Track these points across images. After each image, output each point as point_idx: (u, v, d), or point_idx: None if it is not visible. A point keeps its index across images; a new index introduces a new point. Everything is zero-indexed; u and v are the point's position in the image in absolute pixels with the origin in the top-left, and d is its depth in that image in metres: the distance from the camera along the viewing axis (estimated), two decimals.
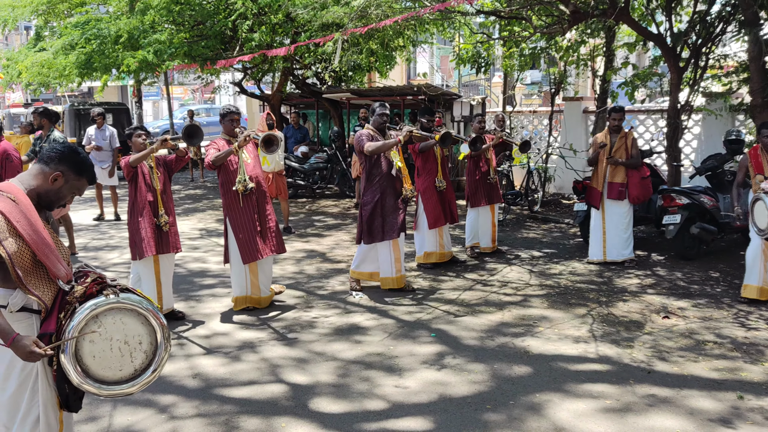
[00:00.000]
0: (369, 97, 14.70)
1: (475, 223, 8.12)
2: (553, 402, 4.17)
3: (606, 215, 7.49)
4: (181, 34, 11.62)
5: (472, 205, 8.06)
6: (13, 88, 25.76)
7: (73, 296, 2.73)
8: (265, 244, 6.01)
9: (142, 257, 5.56)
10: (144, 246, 5.53)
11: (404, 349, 5.12)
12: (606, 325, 5.60)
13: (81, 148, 3.01)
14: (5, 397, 2.83)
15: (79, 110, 16.79)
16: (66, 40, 12.47)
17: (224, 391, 4.42)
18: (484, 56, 10.56)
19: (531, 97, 23.70)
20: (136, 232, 5.58)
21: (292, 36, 12.01)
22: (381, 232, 6.45)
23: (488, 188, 8.02)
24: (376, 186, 6.43)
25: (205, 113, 27.88)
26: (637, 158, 7.35)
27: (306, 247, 8.81)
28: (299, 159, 13.08)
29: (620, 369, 4.67)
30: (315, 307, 6.22)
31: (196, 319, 5.94)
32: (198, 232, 9.91)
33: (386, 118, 6.54)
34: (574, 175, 10.58)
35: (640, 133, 11.38)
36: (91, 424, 3.96)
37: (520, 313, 5.94)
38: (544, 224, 10.29)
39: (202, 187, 15.37)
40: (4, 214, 2.61)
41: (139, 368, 2.74)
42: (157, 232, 5.62)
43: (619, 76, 11.49)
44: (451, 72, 26.10)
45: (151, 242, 5.56)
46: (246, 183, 5.84)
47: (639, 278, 7.04)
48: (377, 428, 3.88)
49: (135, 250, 5.62)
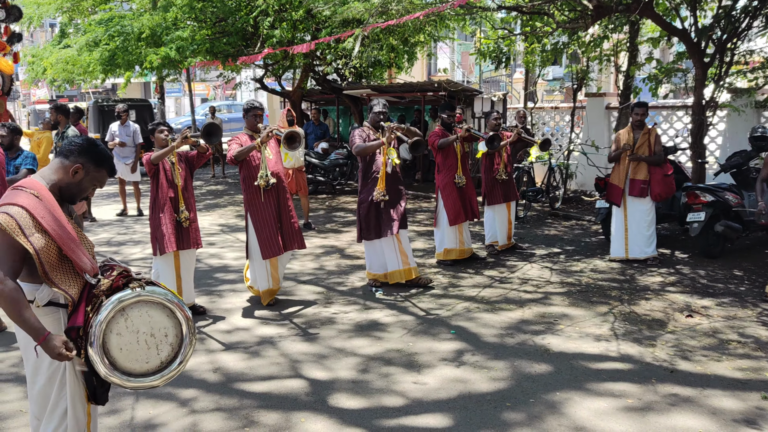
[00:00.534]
0: (389, 93, 14.69)
1: (493, 221, 8.08)
2: (574, 400, 4.15)
3: (628, 212, 7.42)
4: (203, 31, 11.70)
5: (488, 204, 8.02)
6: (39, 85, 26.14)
7: (100, 289, 2.77)
8: (285, 239, 6.04)
9: (163, 253, 5.61)
10: (165, 242, 5.58)
11: (423, 345, 5.12)
12: (628, 323, 5.55)
13: (101, 142, 3.04)
14: (35, 390, 2.88)
15: (103, 106, 17.00)
16: (90, 36, 12.62)
17: (244, 386, 4.45)
18: (505, 52, 10.49)
19: (553, 93, 23.52)
20: (158, 227, 5.63)
21: (312, 32, 12.03)
22: (378, 229, 6.43)
23: (504, 186, 7.97)
24: (371, 184, 6.43)
25: (227, 110, 28.05)
26: (660, 155, 7.26)
27: (326, 243, 8.84)
28: (319, 155, 13.11)
29: (642, 368, 4.63)
30: (335, 303, 6.24)
31: (217, 314, 5.99)
32: (219, 227, 9.99)
33: (382, 116, 6.50)
34: (596, 171, 10.49)
35: (664, 129, 11.25)
36: (113, 417, 4.01)
37: (541, 311, 5.90)
38: (566, 221, 10.22)
39: (224, 183, 15.47)
40: (29, 211, 2.65)
41: (165, 361, 2.77)
42: (177, 228, 5.68)
43: (642, 72, 11.36)
44: (472, 68, 25.98)
45: (171, 238, 5.61)
46: (268, 178, 5.87)
47: (662, 276, 6.96)
48: (396, 425, 3.89)
49: (156, 246, 5.67)
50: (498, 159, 7.96)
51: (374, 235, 6.46)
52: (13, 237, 2.59)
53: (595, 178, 8.36)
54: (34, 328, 2.59)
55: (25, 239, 2.60)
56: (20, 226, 2.60)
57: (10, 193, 2.72)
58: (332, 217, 10.80)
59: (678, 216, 8.04)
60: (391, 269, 6.56)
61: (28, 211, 2.65)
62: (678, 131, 11.25)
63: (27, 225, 2.62)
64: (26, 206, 2.65)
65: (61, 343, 2.61)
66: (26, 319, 2.59)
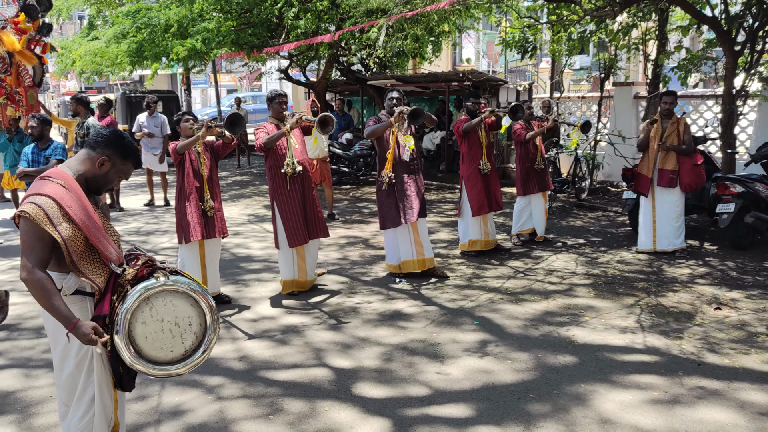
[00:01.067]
0: (413, 83, 14.64)
1: (524, 211, 8.02)
2: (599, 393, 4.11)
3: (656, 203, 7.31)
4: (228, 22, 11.77)
5: (524, 193, 7.96)
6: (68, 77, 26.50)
7: (125, 279, 2.81)
8: (310, 228, 6.07)
9: (188, 241, 5.67)
10: (190, 230, 5.64)
11: (447, 336, 5.11)
12: (655, 315, 5.48)
13: (128, 134, 3.08)
14: (63, 376, 2.94)
15: (131, 98, 17.20)
16: (118, 28, 12.77)
17: (269, 374, 4.49)
18: (531, 41, 10.37)
19: (579, 82, 23.24)
20: (183, 216, 5.69)
21: (337, 23, 12.02)
22: (395, 218, 6.43)
23: (539, 175, 7.91)
24: None
25: (252, 100, 28.20)
26: (690, 145, 7.13)
27: (349, 233, 8.86)
28: (343, 146, 13.13)
29: (669, 360, 4.58)
30: (358, 293, 6.26)
31: (243, 303, 6.05)
32: (245, 217, 10.07)
33: (394, 102, 6.51)
34: (623, 162, 10.35)
35: (693, 119, 11.05)
36: (140, 403, 4.08)
37: (566, 302, 5.86)
38: (592, 212, 10.11)
39: (249, 173, 15.58)
40: (56, 200, 2.69)
41: (190, 349, 2.80)
42: (203, 217, 5.73)
43: (671, 61, 11.16)
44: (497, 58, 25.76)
45: (197, 227, 5.66)
46: (294, 166, 5.90)
47: (690, 268, 6.86)
48: (419, 414, 3.89)
49: (181, 234, 5.74)
50: (533, 148, 7.90)
51: (390, 224, 6.47)
52: (41, 227, 2.63)
53: (622, 168, 8.26)
54: (65, 315, 2.64)
55: (53, 228, 2.64)
56: (48, 215, 2.64)
57: (38, 183, 2.76)
58: (356, 207, 10.82)
59: (707, 207, 7.91)
60: (404, 258, 6.57)
61: (55, 201, 2.69)
62: (708, 121, 11.05)
63: (55, 215, 2.66)
64: (54, 196, 2.69)
65: (91, 329, 2.66)
66: (56, 307, 2.64)
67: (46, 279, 2.63)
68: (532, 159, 7.88)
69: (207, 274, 5.83)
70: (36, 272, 2.62)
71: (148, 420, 3.89)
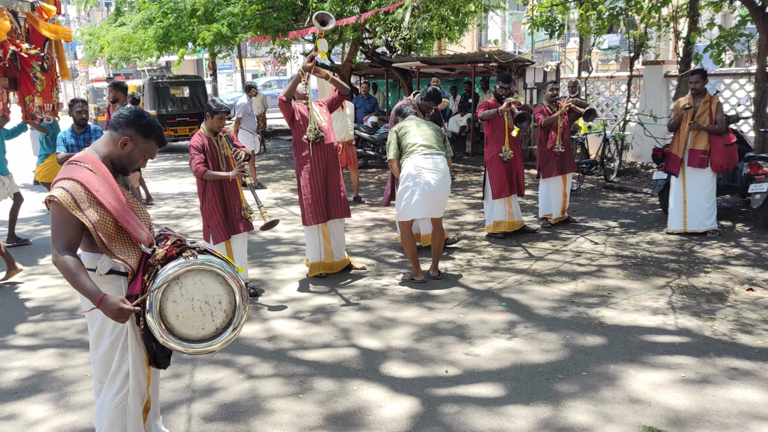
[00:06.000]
0: (439, 65, 14.53)
1: (548, 194, 7.95)
2: (628, 373, 4.09)
3: (687, 184, 7.19)
4: (253, 6, 11.78)
5: (543, 176, 7.89)
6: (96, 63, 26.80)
7: (155, 259, 2.85)
8: (331, 207, 6.08)
9: (216, 242, 5.49)
10: (219, 231, 5.46)
11: (475, 317, 5.11)
12: (686, 296, 5.42)
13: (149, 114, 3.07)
14: (98, 354, 3.00)
15: (158, 84, 17.34)
16: (144, 14, 12.87)
17: (299, 354, 4.54)
18: (559, 20, 10.21)
19: (608, 62, 22.86)
20: (211, 216, 5.47)
21: (361, 5, 11.97)
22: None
23: (559, 158, 7.83)
24: None
25: (277, 85, 28.26)
26: (722, 124, 6.98)
27: (376, 216, 8.88)
28: (369, 129, 13.11)
29: (700, 341, 4.52)
30: (385, 275, 6.28)
31: (271, 285, 6.11)
32: (273, 200, 10.13)
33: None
34: (653, 143, 10.18)
35: (725, 97, 10.81)
36: (174, 381, 4.16)
37: (595, 284, 5.81)
38: (621, 194, 9.98)
39: (275, 157, 15.66)
40: (84, 185, 2.72)
41: (220, 327, 2.84)
42: (227, 215, 5.55)
43: (703, 38, 10.90)
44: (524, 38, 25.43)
45: (223, 228, 5.47)
46: (317, 132, 5.91)
47: (722, 249, 6.75)
48: (447, 393, 3.91)
49: (209, 235, 5.54)
50: (553, 131, 7.81)
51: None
52: (70, 211, 2.66)
53: (652, 149, 8.13)
54: (91, 291, 2.66)
55: (81, 213, 2.67)
56: (76, 200, 2.68)
57: (67, 168, 2.80)
58: (382, 190, 10.82)
59: (739, 187, 7.77)
60: (424, 233, 6.94)
61: (83, 185, 2.72)
62: (740, 100, 10.80)
63: (82, 199, 2.69)
64: (81, 180, 2.72)
65: (119, 300, 2.67)
66: (82, 285, 2.67)
67: (71, 260, 2.66)
68: (552, 142, 7.79)
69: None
70: (61, 255, 2.66)
71: (182, 397, 3.96)
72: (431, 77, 13.25)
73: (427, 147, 5.89)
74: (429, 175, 5.82)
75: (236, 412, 3.78)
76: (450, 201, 9.54)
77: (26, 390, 4.13)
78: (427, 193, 5.83)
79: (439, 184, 5.87)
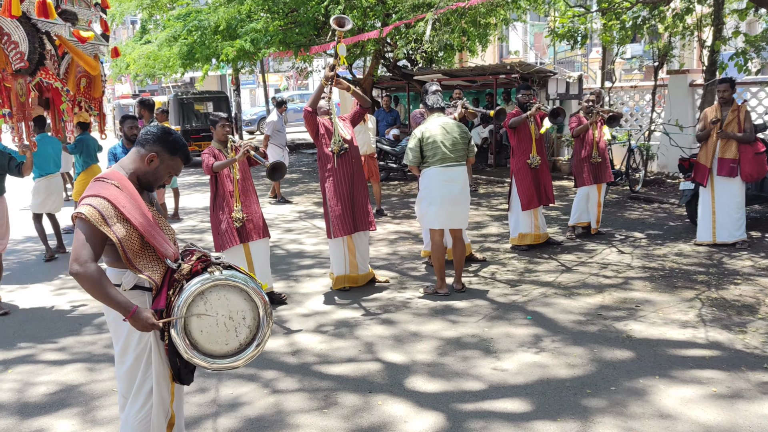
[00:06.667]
0: (460, 77, 14.53)
1: (582, 203, 7.86)
2: (658, 388, 4.01)
3: (716, 194, 7.07)
4: (276, 22, 11.91)
5: (577, 185, 7.84)
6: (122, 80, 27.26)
7: (180, 274, 2.86)
8: (356, 220, 6.08)
9: (223, 248, 5.57)
10: (227, 238, 5.56)
11: (500, 330, 5.06)
12: (716, 309, 5.31)
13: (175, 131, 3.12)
14: (123, 369, 3.02)
15: (182, 99, 17.58)
16: (169, 32, 13.06)
17: (323, 368, 4.53)
18: (581, 30, 10.15)
19: (631, 72, 22.66)
20: (219, 224, 5.57)
21: (383, 18, 12.03)
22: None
23: (595, 167, 7.75)
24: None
25: (300, 99, 28.46)
26: (751, 133, 6.87)
27: (399, 228, 8.86)
28: (391, 142, 13.13)
29: (731, 355, 4.42)
30: (409, 288, 6.25)
31: (295, 298, 6.11)
32: (296, 214, 10.17)
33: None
34: (678, 152, 10.04)
35: (752, 106, 10.65)
36: (199, 396, 4.17)
37: (621, 296, 5.73)
38: (647, 204, 9.85)
39: (298, 171, 15.74)
40: (111, 201, 2.75)
41: (244, 343, 2.84)
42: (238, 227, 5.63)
43: (728, 47, 10.76)
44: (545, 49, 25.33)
45: (234, 233, 5.57)
46: (341, 143, 5.94)
47: (752, 260, 6.61)
48: (474, 409, 3.86)
49: (218, 242, 5.62)
50: (587, 142, 7.74)
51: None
52: (97, 227, 2.70)
53: (678, 158, 8.02)
54: (122, 303, 2.70)
55: (108, 229, 2.71)
56: (103, 216, 2.71)
57: (94, 184, 2.84)
58: (404, 202, 10.81)
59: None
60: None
61: (110, 201, 2.75)
62: (767, 108, 10.64)
63: (110, 215, 2.73)
64: (108, 197, 2.76)
65: (151, 314, 2.73)
66: (112, 297, 2.69)
67: (98, 271, 2.68)
68: (587, 151, 7.73)
69: (255, 275, 5.83)
70: (88, 265, 2.67)
71: (207, 412, 3.97)
72: (453, 89, 13.24)
73: (449, 158, 5.84)
74: (447, 187, 5.81)
75: (261, 426, 3.78)
76: (473, 213, 9.49)
77: (54, 405, 4.16)
78: (445, 205, 5.82)
79: (457, 196, 5.85)
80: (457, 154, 5.88)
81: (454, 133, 5.90)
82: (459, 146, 5.89)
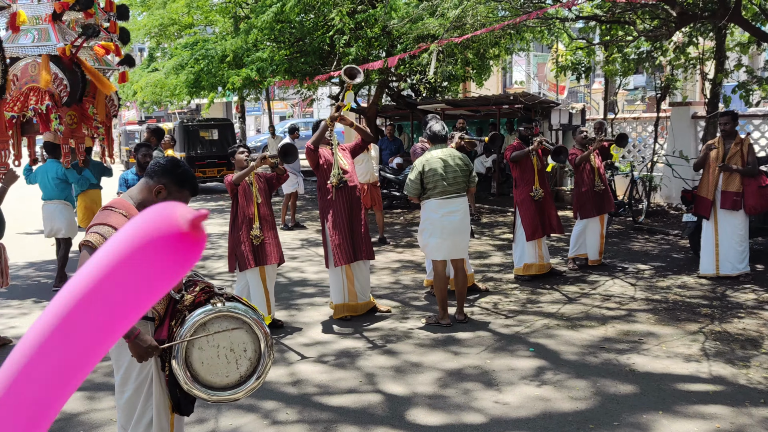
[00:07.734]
0: (464, 107, 14.65)
1: (582, 234, 7.86)
2: (661, 423, 3.97)
3: (719, 226, 7.06)
4: (282, 52, 12.04)
5: (579, 217, 7.84)
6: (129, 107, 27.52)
7: (183, 305, 2.87)
8: (356, 248, 6.11)
9: (243, 269, 5.77)
10: (245, 259, 5.74)
11: (502, 362, 5.03)
12: (719, 343, 5.27)
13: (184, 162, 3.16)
14: (123, 400, 3.01)
15: (188, 126, 17.71)
16: (177, 60, 13.22)
17: (323, 399, 4.50)
18: (584, 63, 10.26)
19: (634, 103, 22.82)
20: (237, 245, 5.78)
21: (387, 49, 12.16)
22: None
23: (598, 198, 7.77)
24: None
25: (304, 126, 28.62)
26: (754, 166, 6.89)
27: (401, 257, 8.85)
28: (394, 170, 13.18)
29: (735, 390, 4.38)
30: (410, 318, 6.23)
31: (296, 327, 6.09)
32: (298, 242, 10.18)
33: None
34: (681, 184, 10.07)
35: (755, 138, 10.69)
36: (198, 427, 4.14)
37: (625, 329, 5.70)
38: (650, 236, 9.84)
39: (301, 198, 15.78)
40: (118, 229, 2.78)
41: (245, 375, 2.84)
42: (258, 245, 5.81)
43: (730, 79, 10.85)
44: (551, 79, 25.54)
45: (250, 255, 5.75)
46: (340, 176, 6.00)
47: (755, 293, 6.58)
48: None
49: (235, 262, 5.83)
50: (590, 171, 7.77)
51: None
52: None
53: (681, 190, 8.03)
54: None
55: None
56: None
57: (102, 213, 2.87)
58: (407, 231, 10.81)
59: None
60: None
61: (117, 229, 2.78)
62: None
63: None
64: (116, 226, 2.78)
65: (152, 338, 2.74)
66: None
67: None
68: (588, 182, 7.75)
69: (269, 299, 5.89)
70: None
71: None
72: (457, 119, 13.33)
73: (448, 190, 5.86)
74: (447, 219, 5.84)
75: None
76: (476, 242, 9.49)
77: None
78: (446, 236, 5.85)
79: (458, 226, 5.88)
80: (457, 185, 5.90)
81: (455, 164, 5.92)
82: (459, 178, 5.91)
